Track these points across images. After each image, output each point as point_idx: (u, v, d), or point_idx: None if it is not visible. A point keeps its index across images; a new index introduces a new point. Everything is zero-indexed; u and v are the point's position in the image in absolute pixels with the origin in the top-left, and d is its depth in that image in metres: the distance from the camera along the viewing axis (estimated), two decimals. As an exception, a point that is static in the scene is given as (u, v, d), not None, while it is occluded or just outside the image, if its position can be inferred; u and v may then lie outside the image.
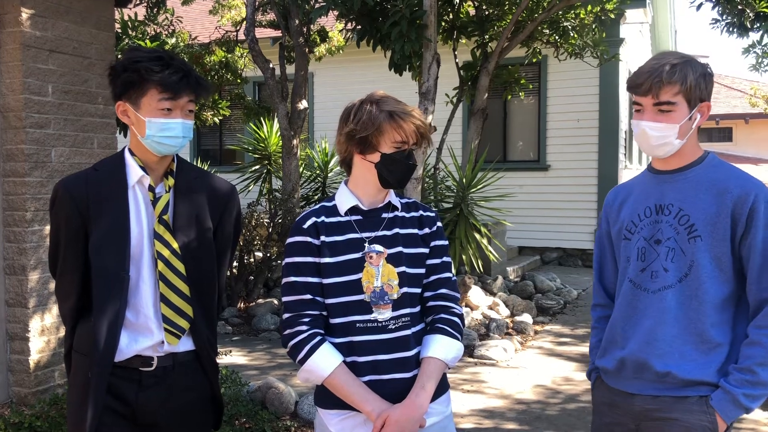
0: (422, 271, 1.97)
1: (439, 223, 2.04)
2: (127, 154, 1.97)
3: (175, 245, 1.94)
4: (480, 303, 6.97)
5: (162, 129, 1.88)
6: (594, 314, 2.21)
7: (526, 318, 6.89)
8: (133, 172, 1.95)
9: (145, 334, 1.94)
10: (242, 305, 7.14)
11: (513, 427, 4.25)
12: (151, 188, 1.95)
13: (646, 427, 1.95)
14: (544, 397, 4.80)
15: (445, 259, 2.01)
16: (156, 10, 6.73)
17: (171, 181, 1.98)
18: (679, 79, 1.85)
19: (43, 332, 4.05)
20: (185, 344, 1.99)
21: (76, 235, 1.91)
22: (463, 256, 7.40)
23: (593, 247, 2.24)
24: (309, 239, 1.90)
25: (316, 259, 1.90)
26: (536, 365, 5.58)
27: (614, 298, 2.11)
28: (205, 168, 12.14)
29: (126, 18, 6.47)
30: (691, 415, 1.86)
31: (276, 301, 7.09)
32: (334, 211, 1.95)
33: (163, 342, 1.95)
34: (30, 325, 3.97)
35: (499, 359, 5.70)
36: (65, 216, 1.92)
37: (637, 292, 1.96)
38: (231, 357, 5.17)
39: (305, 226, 1.92)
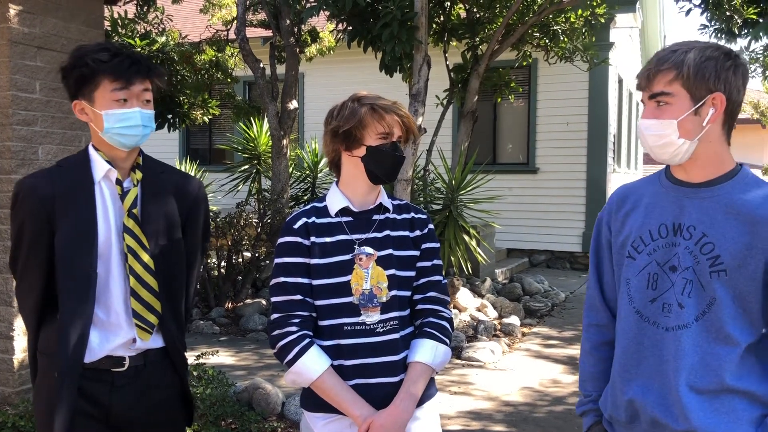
0: (412, 273, 1.96)
1: (430, 226, 2.02)
2: (91, 150, 1.93)
3: (144, 240, 1.91)
4: (468, 305, 6.98)
5: (120, 120, 1.85)
6: (589, 336, 1.85)
7: (514, 320, 6.91)
8: (99, 166, 1.91)
9: (116, 331, 1.91)
10: (230, 305, 7.11)
11: (501, 429, 4.25)
12: (118, 182, 1.92)
13: None
14: (532, 399, 4.81)
15: (435, 261, 2.00)
16: (146, 8, 6.69)
17: (139, 175, 1.95)
18: (673, 65, 1.54)
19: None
20: (155, 341, 1.96)
21: (40, 234, 1.87)
22: (452, 258, 7.41)
23: (581, 248, 1.98)
24: (299, 240, 1.89)
25: (307, 260, 1.89)
26: (524, 367, 5.59)
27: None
28: (194, 167, 12.01)
29: (116, 16, 6.44)
30: None
31: (264, 302, 7.07)
32: (324, 212, 1.94)
33: (134, 339, 1.92)
34: (14, 324, 3.94)
35: (487, 361, 5.70)
36: (30, 214, 1.87)
37: (646, 327, 1.64)
38: (218, 357, 5.14)
39: (296, 226, 1.91)
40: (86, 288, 1.85)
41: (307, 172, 9.94)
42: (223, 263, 7.18)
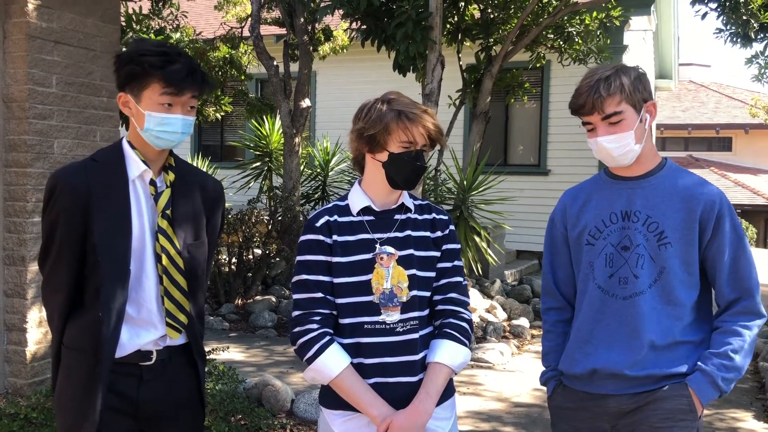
0: (432, 274, 1.95)
1: (451, 227, 2.02)
2: (126, 146, 1.94)
3: (176, 241, 1.93)
4: (478, 306, 6.97)
5: (161, 123, 1.86)
6: (548, 317, 2.17)
7: (523, 322, 6.90)
8: (135, 165, 1.92)
9: (147, 328, 1.93)
10: (240, 302, 7.13)
11: (510, 430, 4.25)
12: (152, 182, 1.93)
13: (623, 425, 1.96)
14: (541, 401, 4.80)
15: (456, 263, 2.00)
16: (161, 4, 6.72)
17: (171, 176, 1.96)
18: (617, 88, 1.89)
19: (41, 323, 4.04)
20: (180, 338, 1.99)
21: (74, 228, 1.87)
22: (462, 259, 7.40)
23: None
24: (321, 237, 1.90)
25: (328, 258, 1.89)
26: (533, 369, 5.58)
27: (570, 302, 2.12)
28: (206, 164, 12.05)
29: (131, 11, 6.47)
30: (670, 401, 1.90)
31: (274, 299, 7.09)
32: (346, 210, 1.94)
33: (164, 336, 1.95)
34: (28, 316, 3.96)
35: (496, 362, 5.70)
36: (65, 207, 1.86)
37: (606, 299, 1.96)
38: (228, 353, 5.16)
39: (318, 224, 1.91)
40: (122, 285, 1.87)
41: (318, 170, 9.95)
42: (233, 260, 7.20)
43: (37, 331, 4.02)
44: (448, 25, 8.12)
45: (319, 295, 1.88)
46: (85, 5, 4.17)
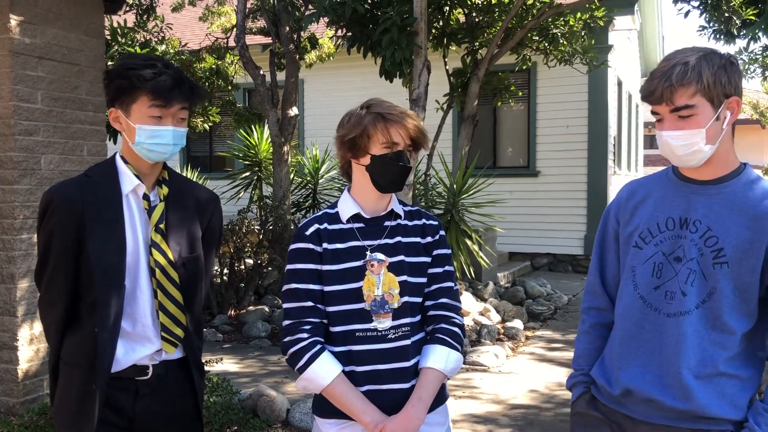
0: (424, 280, 1.95)
1: (442, 232, 2.01)
2: (119, 161, 1.95)
3: (171, 254, 1.93)
4: (471, 309, 6.97)
5: (151, 136, 1.86)
6: (588, 318, 1.97)
7: (517, 324, 6.90)
8: (128, 180, 1.93)
9: (143, 343, 1.93)
10: (233, 312, 7.10)
11: (506, 433, 4.24)
12: (145, 197, 1.93)
13: None
14: (538, 402, 4.80)
15: (447, 268, 2.00)
16: (146, 17, 6.71)
17: (165, 190, 1.97)
18: (693, 77, 1.61)
19: (32, 341, 4.01)
20: (177, 352, 1.99)
21: (69, 243, 1.88)
22: (454, 263, 7.40)
23: (583, 250, 1.99)
24: (311, 246, 1.89)
25: (318, 266, 1.89)
26: (528, 371, 5.58)
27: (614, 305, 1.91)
28: (195, 175, 12.03)
29: (115, 25, 6.45)
30: None
31: (267, 309, 7.06)
32: (336, 218, 1.94)
33: (160, 351, 1.95)
34: (18, 334, 3.93)
35: (491, 365, 5.69)
36: (60, 222, 1.87)
37: (648, 312, 1.75)
38: (222, 365, 5.14)
39: (308, 233, 1.91)
40: (117, 299, 1.87)
41: (308, 178, 9.95)
42: (225, 270, 7.18)
43: (28, 349, 3.98)
44: (433, 30, 8.14)
45: (310, 303, 1.87)
46: (68, 20, 4.15)
